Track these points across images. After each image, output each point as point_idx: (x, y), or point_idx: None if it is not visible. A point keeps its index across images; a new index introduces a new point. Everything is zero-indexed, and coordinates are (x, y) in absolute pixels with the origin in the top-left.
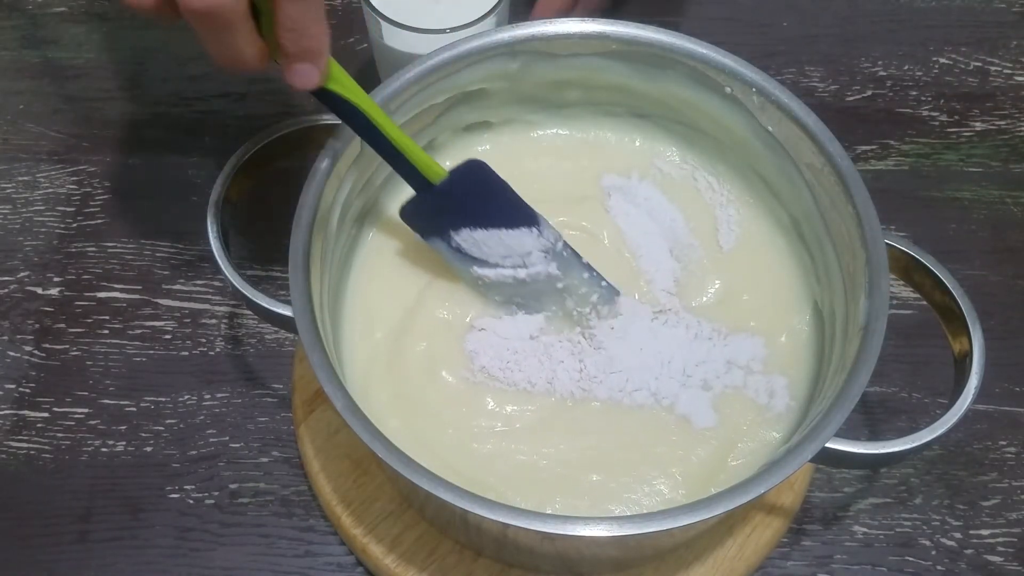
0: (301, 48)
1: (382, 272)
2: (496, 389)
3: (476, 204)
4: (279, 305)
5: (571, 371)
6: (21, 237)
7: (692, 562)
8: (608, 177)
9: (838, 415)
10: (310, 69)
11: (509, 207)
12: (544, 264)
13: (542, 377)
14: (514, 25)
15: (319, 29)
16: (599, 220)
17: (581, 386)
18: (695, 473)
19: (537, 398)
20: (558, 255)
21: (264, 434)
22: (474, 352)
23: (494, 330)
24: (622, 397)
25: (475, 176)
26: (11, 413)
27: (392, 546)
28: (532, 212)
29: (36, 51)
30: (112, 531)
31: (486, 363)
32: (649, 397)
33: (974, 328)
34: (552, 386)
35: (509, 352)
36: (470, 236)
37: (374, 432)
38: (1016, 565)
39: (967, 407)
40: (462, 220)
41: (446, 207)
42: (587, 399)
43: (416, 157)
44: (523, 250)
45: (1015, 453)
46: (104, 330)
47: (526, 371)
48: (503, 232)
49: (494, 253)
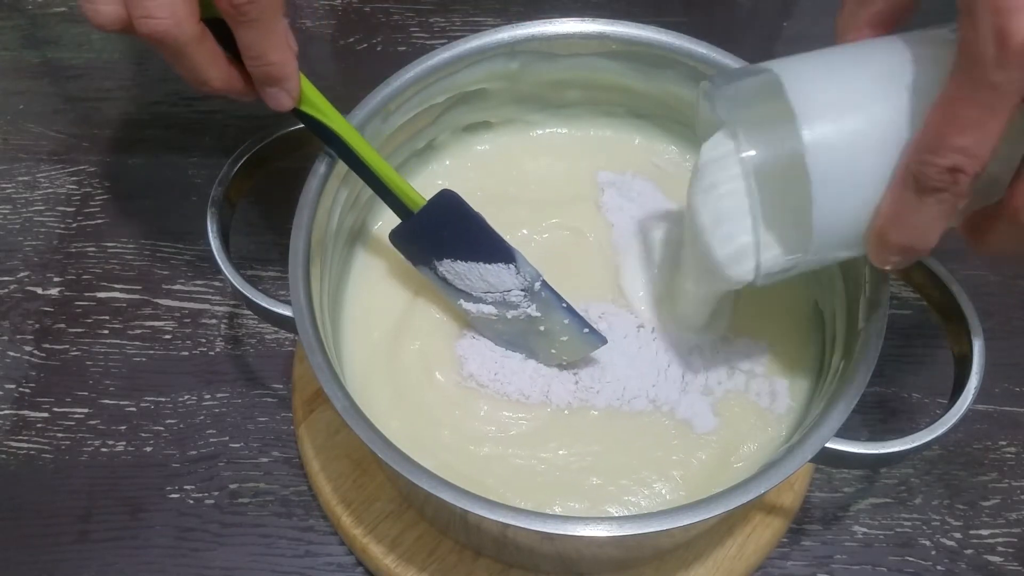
0: (264, 74)
1: (382, 271)
2: (488, 395)
3: (452, 235)
4: (279, 305)
5: (566, 383)
6: (21, 237)
7: (692, 562)
8: (604, 174)
9: (838, 415)
10: (278, 92)
11: (485, 241)
12: (525, 304)
13: (536, 390)
14: (514, 25)
15: (279, 56)
16: (593, 221)
17: (578, 396)
18: (696, 476)
19: (533, 408)
20: (536, 295)
21: (264, 434)
22: (463, 357)
23: (483, 340)
24: (620, 405)
25: (447, 207)
26: (11, 413)
27: (392, 546)
28: (508, 249)
29: (36, 51)
30: (112, 531)
31: (474, 370)
32: (648, 404)
33: (974, 328)
34: (548, 398)
35: (497, 365)
36: (452, 267)
37: (374, 432)
38: (1016, 565)
39: (967, 407)
40: (442, 250)
41: (427, 236)
42: (585, 408)
43: (394, 184)
44: (503, 287)
45: (1015, 453)
46: (104, 330)
47: (517, 384)
48: (481, 267)
49: (476, 287)
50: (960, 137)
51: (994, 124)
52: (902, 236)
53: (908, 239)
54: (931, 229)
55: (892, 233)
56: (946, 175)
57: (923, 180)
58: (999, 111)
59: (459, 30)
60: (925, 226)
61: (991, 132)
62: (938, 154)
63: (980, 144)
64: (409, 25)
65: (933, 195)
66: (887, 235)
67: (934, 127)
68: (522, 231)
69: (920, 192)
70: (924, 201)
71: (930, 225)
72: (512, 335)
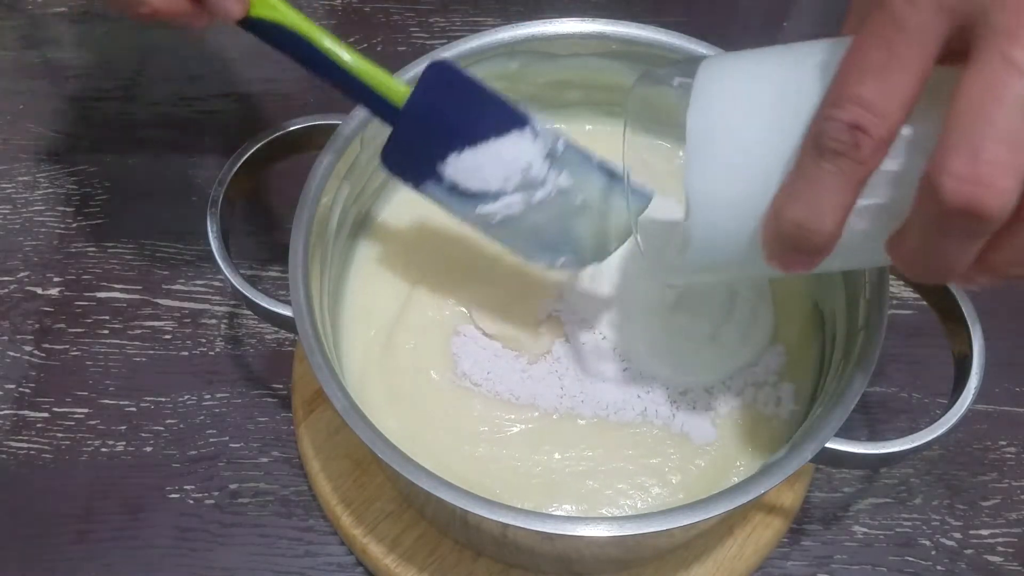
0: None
1: (381, 270)
2: (482, 395)
3: (453, 117)
4: (279, 305)
5: (553, 388)
6: (21, 237)
7: (692, 562)
8: None
9: (838, 415)
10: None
11: (492, 109)
12: (552, 174)
13: (525, 391)
14: (514, 25)
15: None
16: None
17: (564, 404)
18: (695, 482)
19: (523, 410)
20: (562, 158)
21: (264, 434)
22: (457, 356)
23: (474, 338)
24: (608, 415)
25: (441, 82)
26: (11, 413)
27: (392, 546)
28: (519, 111)
29: (36, 51)
30: (112, 531)
31: (468, 369)
32: (637, 416)
33: (974, 328)
34: (535, 403)
35: (489, 364)
36: (459, 164)
37: (374, 432)
38: (1016, 565)
39: (967, 407)
40: (445, 143)
41: (423, 132)
42: (572, 416)
43: (371, 77)
44: (522, 163)
45: (1015, 453)
46: (104, 330)
47: (508, 384)
48: (493, 145)
49: (492, 177)
50: (861, 85)
51: (902, 75)
52: (796, 210)
53: (802, 214)
54: (827, 206)
55: (786, 206)
56: (846, 134)
57: (821, 140)
58: (907, 61)
59: (459, 30)
60: (821, 201)
61: (897, 85)
62: (838, 105)
63: (885, 97)
64: (409, 25)
65: (832, 160)
66: (781, 209)
67: (838, 76)
68: None
69: (818, 155)
70: (822, 168)
71: (826, 200)
72: (548, 229)
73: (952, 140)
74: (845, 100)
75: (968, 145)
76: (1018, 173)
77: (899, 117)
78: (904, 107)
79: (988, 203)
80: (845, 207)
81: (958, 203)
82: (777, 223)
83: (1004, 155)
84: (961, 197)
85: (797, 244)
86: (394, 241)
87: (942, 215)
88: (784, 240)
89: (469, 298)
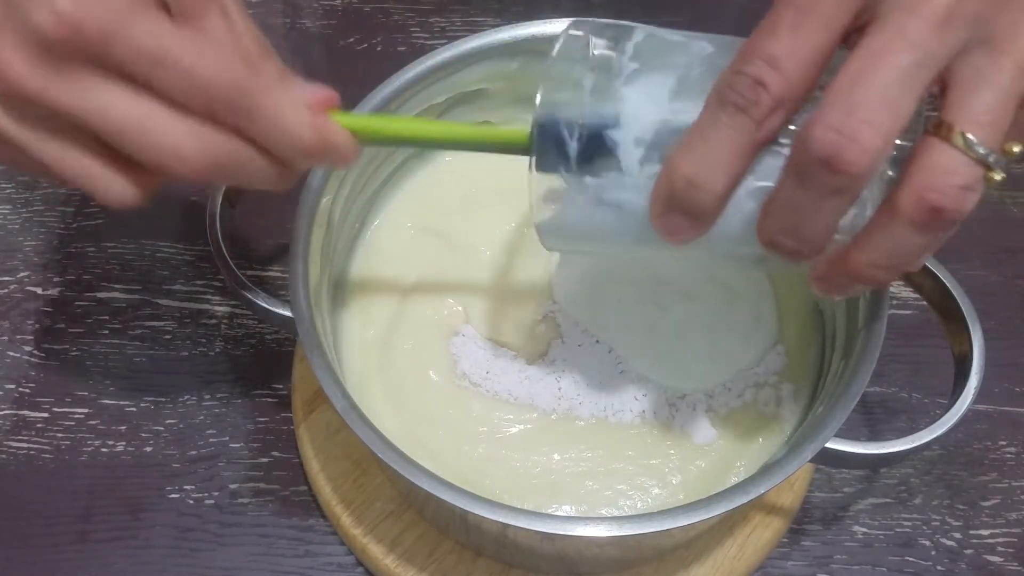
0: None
1: (381, 271)
2: (481, 395)
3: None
4: (279, 305)
5: (550, 388)
6: (21, 237)
7: (692, 562)
8: None
9: (838, 415)
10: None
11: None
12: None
13: (523, 392)
14: (513, 25)
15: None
16: None
17: (563, 405)
18: (696, 482)
19: (522, 411)
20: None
21: (264, 434)
22: (456, 356)
23: (474, 338)
24: (607, 416)
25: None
26: (11, 413)
27: (392, 546)
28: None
29: None
30: (112, 531)
31: (467, 369)
32: (636, 418)
33: (974, 328)
34: (533, 403)
35: (488, 363)
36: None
37: (374, 433)
38: (1016, 565)
39: (967, 407)
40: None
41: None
42: (571, 417)
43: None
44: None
45: (1015, 453)
46: (104, 330)
47: (506, 384)
48: None
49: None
50: (770, 40)
51: (810, 34)
52: (688, 164)
53: (693, 168)
54: (719, 164)
55: (679, 160)
56: (748, 87)
57: (723, 91)
58: (817, 24)
59: (459, 30)
60: (714, 156)
61: (804, 43)
62: (745, 59)
63: (790, 54)
64: (409, 25)
65: (730, 112)
66: (674, 162)
67: (752, 35)
68: (522, 229)
69: (719, 107)
70: (719, 120)
71: (719, 157)
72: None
73: (832, 96)
74: (753, 54)
75: (845, 102)
76: (887, 136)
77: (800, 78)
78: (808, 68)
79: (848, 156)
80: (737, 168)
81: (822, 152)
82: (668, 178)
83: (876, 115)
84: (826, 146)
85: (684, 203)
86: (394, 242)
87: (806, 164)
88: (672, 197)
89: (466, 299)
